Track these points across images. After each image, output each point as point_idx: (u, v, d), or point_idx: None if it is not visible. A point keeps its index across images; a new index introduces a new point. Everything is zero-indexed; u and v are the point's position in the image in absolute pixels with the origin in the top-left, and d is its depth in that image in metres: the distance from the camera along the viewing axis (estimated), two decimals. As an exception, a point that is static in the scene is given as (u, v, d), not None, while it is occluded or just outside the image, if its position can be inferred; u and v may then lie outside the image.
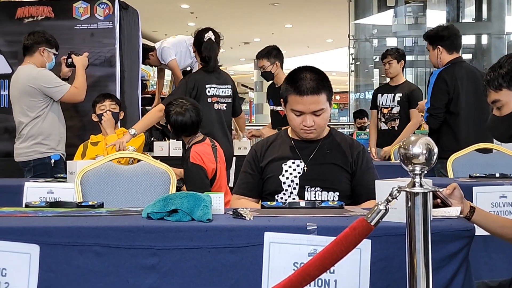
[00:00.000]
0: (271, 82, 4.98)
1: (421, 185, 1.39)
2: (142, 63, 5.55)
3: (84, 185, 2.82)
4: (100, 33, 4.85)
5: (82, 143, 4.18)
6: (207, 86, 4.31)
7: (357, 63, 15.66)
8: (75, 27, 4.83)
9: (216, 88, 4.35)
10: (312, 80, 2.42)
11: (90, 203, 2.25)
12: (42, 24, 4.83)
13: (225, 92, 4.42)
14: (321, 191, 2.44)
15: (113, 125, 4.16)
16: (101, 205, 2.24)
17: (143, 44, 5.54)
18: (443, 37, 4.33)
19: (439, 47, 4.31)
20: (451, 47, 4.32)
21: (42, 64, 4.27)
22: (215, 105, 4.35)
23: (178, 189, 3.46)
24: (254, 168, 2.57)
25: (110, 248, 1.81)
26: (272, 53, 4.80)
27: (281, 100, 2.57)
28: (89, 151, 3.98)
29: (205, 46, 4.28)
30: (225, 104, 4.42)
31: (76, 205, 2.25)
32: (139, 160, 3.02)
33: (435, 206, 1.89)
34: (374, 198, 1.90)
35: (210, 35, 4.30)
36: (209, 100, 4.32)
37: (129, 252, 1.81)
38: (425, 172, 1.39)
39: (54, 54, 4.35)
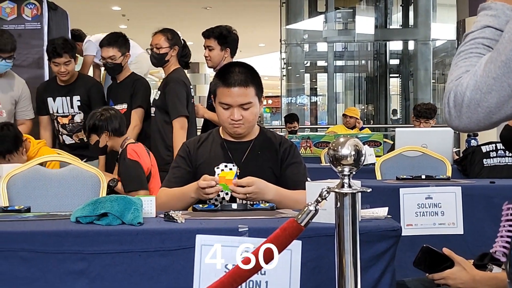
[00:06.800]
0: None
1: (349, 186, 1.41)
2: None
3: (11, 190, 2.74)
4: (28, 34, 4.70)
5: None
6: None
7: (288, 67, 15.82)
8: (2, 28, 4.66)
9: None
10: (241, 73, 2.42)
11: (17, 207, 2.20)
12: (-33, 24, 4.66)
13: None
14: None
15: None
16: (28, 210, 2.19)
17: (76, 30, 5.38)
18: (234, 41, 4.15)
19: (228, 49, 4.11)
20: (233, 53, 4.17)
21: None
22: None
23: (111, 188, 3.46)
24: (189, 163, 2.52)
25: (37, 253, 1.76)
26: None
27: (212, 96, 2.56)
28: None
29: None
30: None
31: (1, 210, 2.19)
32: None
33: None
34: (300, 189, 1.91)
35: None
36: None
37: (57, 257, 1.76)
38: (354, 173, 1.42)
39: None
